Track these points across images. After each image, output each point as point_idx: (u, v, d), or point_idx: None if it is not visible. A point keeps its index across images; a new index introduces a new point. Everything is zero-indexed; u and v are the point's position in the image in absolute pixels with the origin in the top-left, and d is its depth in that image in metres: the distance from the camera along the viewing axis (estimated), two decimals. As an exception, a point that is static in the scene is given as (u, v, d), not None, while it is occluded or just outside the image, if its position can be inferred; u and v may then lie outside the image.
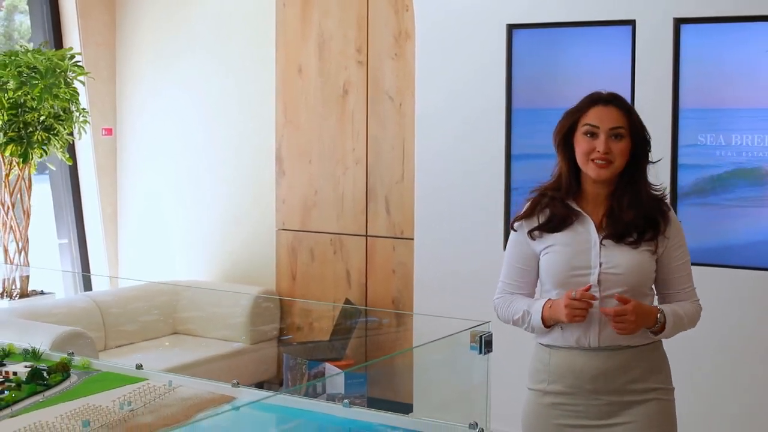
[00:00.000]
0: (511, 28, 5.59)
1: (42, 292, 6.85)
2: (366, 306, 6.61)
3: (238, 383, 3.40)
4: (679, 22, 5.06)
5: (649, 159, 3.20)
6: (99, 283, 7.61)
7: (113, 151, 7.75)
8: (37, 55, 6.41)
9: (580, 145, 3.13)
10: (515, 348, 4.55)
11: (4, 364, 3.69)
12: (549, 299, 3.15)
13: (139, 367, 3.62)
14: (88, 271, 7.61)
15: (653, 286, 3.22)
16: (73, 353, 3.83)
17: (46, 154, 6.64)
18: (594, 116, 3.12)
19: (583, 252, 3.12)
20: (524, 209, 3.27)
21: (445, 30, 5.82)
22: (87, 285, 7.59)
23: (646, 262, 3.13)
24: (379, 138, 6.46)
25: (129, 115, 7.72)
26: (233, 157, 7.26)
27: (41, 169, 7.09)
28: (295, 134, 6.83)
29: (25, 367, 3.57)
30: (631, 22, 5.20)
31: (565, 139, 3.19)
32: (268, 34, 6.91)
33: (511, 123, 5.62)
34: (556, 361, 3.16)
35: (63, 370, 3.52)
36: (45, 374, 3.45)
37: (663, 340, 3.22)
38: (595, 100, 3.17)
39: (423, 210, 5.98)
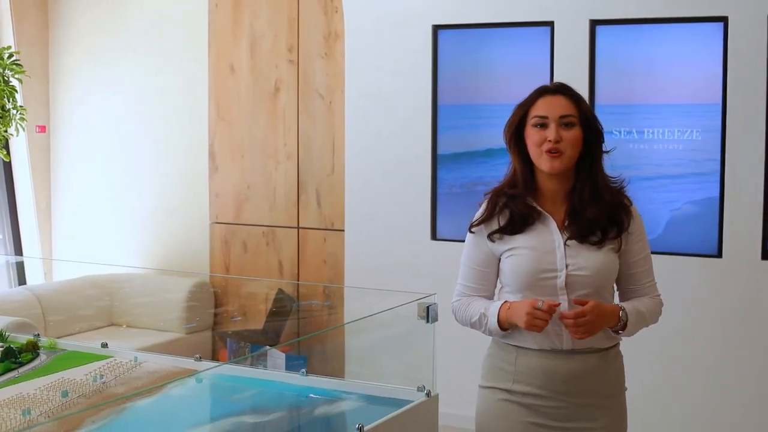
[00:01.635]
0: (437, 28, 5.89)
1: (-22, 286, 6.97)
2: (298, 297, 6.81)
3: (200, 357, 3.66)
4: (594, 24, 5.41)
5: (603, 149, 3.09)
6: (33, 278, 7.70)
7: (47, 148, 7.84)
8: (-25, 53, 6.50)
9: (531, 137, 3.03)
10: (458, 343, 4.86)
11: (-26, 346, 3.87)
12: (506, 301, 3.04)
13: (104, 345, 3.85)
14: (23, 268, 7.69)
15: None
16: (39, 334, 4.04)
17: (-15, 151, 6.74)
18: (542, 106, 3.04)
19: (549, 254, 3.01)
20: (482, 212, 3.13)
21: (374, 30, 6.10)
22: (21, 280, 7.68)
23: (610, 262, 3.03)
24: (310, 134, 6.70)
25: (62, 112, 7.80)
26: (167, 153, 7.39)
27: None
28: (227, 130, 7.02)
29: (-3, 347, 3.78)
30: (550, 24, 5.54)
31: (516, 135, 3.08)
32: (201, 34, 7.07)
33: (437, 119, 5.93)
34: (525, 362, 3.04)
35: (33, 349, 3.74)
36: (17, 353, 3.66)
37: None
38: (542, 91, 3.09)
39: (353, 203, 6.26)
